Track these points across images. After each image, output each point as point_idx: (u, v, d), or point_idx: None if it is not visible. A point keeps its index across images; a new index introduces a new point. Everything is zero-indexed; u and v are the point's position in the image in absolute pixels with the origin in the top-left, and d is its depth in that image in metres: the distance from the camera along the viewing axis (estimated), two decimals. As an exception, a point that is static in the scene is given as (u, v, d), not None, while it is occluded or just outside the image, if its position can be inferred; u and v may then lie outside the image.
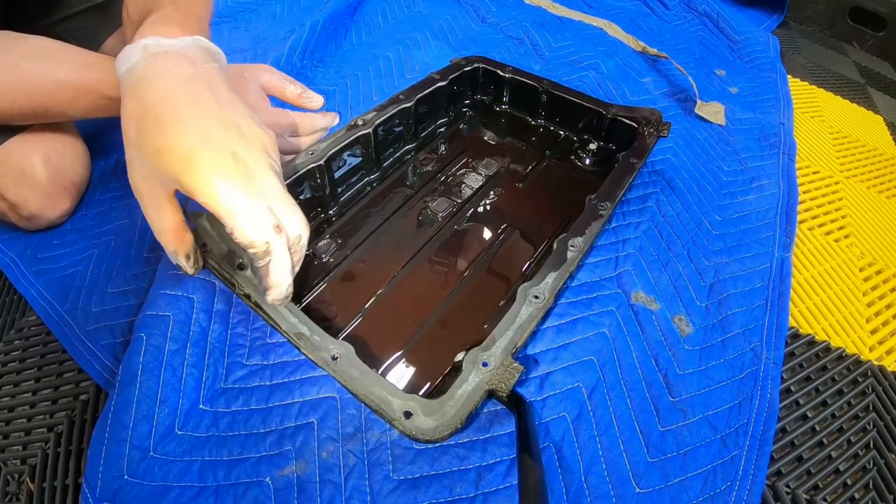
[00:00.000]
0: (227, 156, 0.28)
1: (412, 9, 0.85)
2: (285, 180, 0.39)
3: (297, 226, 0.30)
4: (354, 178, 0.50)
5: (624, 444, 0.35)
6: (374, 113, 0.50)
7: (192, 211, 0.38)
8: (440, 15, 0.83)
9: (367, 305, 0.41)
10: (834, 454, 0.38)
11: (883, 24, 0.92)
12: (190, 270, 0.34)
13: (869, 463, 0.38)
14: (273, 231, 0.28)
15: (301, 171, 0.44)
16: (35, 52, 0.40)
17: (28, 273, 0.45)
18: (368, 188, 0.51)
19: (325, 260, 0.44)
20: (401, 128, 0.53)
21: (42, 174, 0.44)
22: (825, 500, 0.35)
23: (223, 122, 0.29)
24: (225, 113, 0.29)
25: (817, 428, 0.39)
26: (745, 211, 0.53)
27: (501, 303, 0.41)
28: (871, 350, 0.45)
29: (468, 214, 0.49)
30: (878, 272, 0.52)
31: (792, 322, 0.45)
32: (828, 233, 0.55)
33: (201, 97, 0.29)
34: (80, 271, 0.45)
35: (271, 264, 0.29)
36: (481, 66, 0.59)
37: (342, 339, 0.34)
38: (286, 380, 0.36)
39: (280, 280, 0.30)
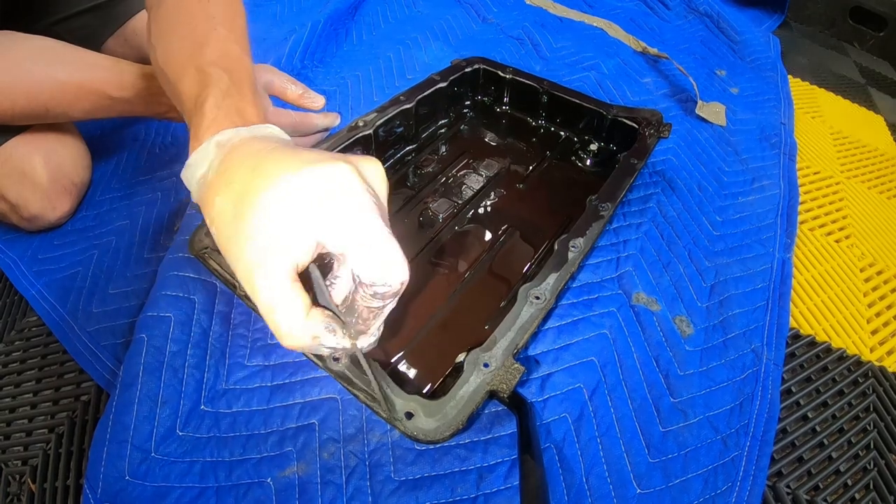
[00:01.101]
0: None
1: (412, 9, 0.85)
2: None
3: (393, 276, 0.24)
4: (355, 179, 0.50)
5: (625, 444, 0.35)
6: (375, 114, 0.50)
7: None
8: (441, 15, 0.83)
9: (368, 306, 0.41)
10: (835, 455, 0.38)
11: (883, 23, 0.92)
12: (347, 342, 0.26)
13: (870, 464, 0.38)
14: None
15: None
16: (36, 52, 0.40)
17: (29, 274, 0.45)
18: (369, 189, 0.51)
19: (325, 261, 0.44)
20: (401, 129, 0.53)
21: (43, 175, 0.44)
22: (826, 500, 0.35)
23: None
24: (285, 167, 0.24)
25: (818, 429, 0.39)
26: (745, 212, 0.53)
27: (502, 304, 0.41)
28: (871, 351, 0.45)
29: (469, 215, 0.49)
30: (879, 272, 0.52)
31: (793, 323, 0.45)
32: (828, 233, 0.55)
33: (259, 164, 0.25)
34: (80, 272, 0.45)
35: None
36: (482, 67, 0.59)
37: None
38: (287, 381, 0.36)
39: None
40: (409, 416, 0.30)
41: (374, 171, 0.26)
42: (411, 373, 0.37)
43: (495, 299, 0.42)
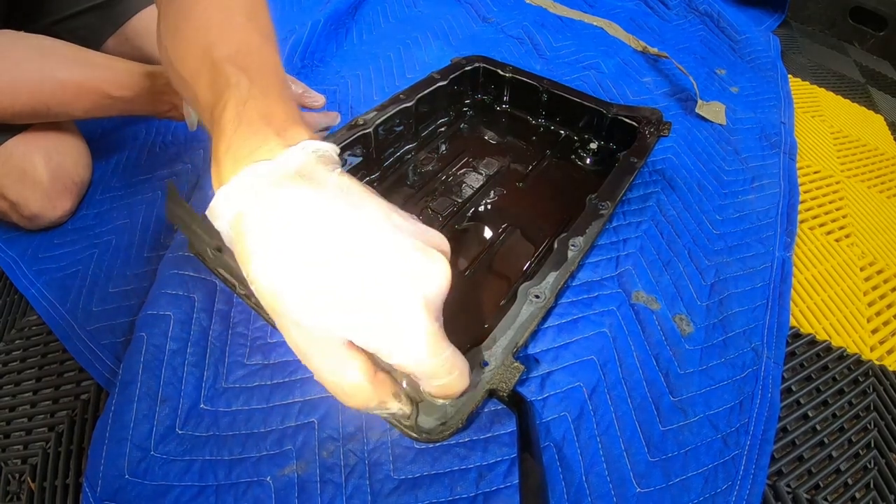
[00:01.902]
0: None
1: (413, 8, 0.85)
2: None
3: (459, 391, 0.24)
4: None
5: (625, 443, 0.35)
6: (375, 112, 0.50)
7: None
8: (441, 14, 0.83)
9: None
10: (835, 454, 0.38)
11: (884, 23, 0.92)
12: (407, 409, 0.25)
13: (870, 462, 0.38)
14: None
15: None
16: (37, 51, 0.40)
17: (29, 273, 0.45)
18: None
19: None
20: (401, 127, 0.53)
21: (43, 174, 0.45)
22: (826, 499, 0.35)
23: (357, 265, 0.21)
24: (359, 247, 0.22)
25: (818, 427, 0.39)
26: (745, 210, 0.53)
27: (502, 302, 0.41)
28: (871, 350, 0.45)
29: (469, 214, 0.49)
30: (879, 272, 0.52)
31: (793, 322, 0.45)
32: (829, 232, 0.55)
33: (330, 240, 0.22)
34: (80, 271, 0.45)
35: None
36: (482, 65, 0.59)
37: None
38: (287, 379, 0.36)
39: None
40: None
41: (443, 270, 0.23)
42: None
43: (495, 298, 0.42)
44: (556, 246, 0.39)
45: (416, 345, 0.22)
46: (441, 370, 0.23)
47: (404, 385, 0.26)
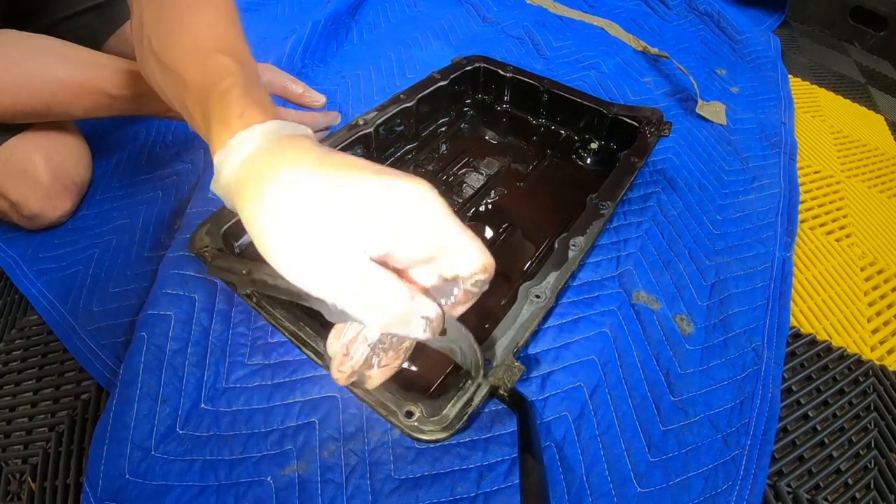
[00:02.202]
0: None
1: (413, 8, 0.85)
2: None
3: (490, 263, 0.24)
4: (355, 178, 0.50)
5: (625, 443, 0.35)
6: (375, 112, 0.50)
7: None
8: (441, 15, 0.83)
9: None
10: (835, 454, 0.38)
11: (884, 23, 0.92)
12: (439, 308, 0.24)
13: (870, 462, 0.38)
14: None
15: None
16: (38, 50, 0.40)
17: (29, 273, 0.45)
18: (369, 188, 0.51)
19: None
20: (402, 127, 0.53)
21: (44, 174, 0.44)
22: (826, 499, 0.35)
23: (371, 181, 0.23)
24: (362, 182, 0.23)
25: (818, 428, 0.39)
26: (746, 210, 0.53)
27: (503, 302, 0.41)
28: (872, 350, 0.45)
29: (469, 214, 0.49)
30: (880, 272, 0.52)
31: (793, 322, 0.45)
32: (829, 232, 0.55)
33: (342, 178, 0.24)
34: (81, 271, 0.45)
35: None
36: (482, 65, 0.59)
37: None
38: (287, 379, 0.36)
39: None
40: (410, 414, 0.29)
41: None
42: (412, 371, 0.37)
43: (496, 297, 0.42)
44: (556, 246, 0.39)
45: (440, 218, 0.23)
46: (469, 235, 0.24)
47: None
